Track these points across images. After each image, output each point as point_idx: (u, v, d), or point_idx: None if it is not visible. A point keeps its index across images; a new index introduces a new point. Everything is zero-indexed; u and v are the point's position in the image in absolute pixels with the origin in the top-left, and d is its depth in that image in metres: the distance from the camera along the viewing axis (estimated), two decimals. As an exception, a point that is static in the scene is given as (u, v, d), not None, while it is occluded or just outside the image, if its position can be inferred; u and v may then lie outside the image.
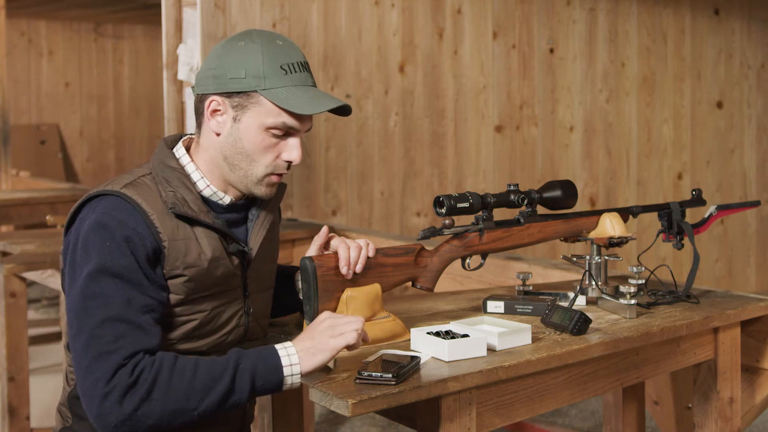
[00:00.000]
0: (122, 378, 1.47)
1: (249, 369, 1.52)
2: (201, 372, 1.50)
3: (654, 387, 2.58)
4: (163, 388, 1.48)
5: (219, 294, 1.66)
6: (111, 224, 1.55)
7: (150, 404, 1.47)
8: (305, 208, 4.19)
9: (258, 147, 1.63)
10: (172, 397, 1.48)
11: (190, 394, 1.49)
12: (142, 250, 1.55)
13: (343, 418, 3.78)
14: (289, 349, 1.55)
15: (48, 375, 4.52)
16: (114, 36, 9.24)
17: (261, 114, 1.62)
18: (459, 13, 4.64)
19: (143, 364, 1.48)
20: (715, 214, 2.23)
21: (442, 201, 1.85)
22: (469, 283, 2.95)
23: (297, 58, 1.65)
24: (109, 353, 1.48)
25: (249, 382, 1.51)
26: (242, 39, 1.64)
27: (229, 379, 1.50)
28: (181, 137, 1.74)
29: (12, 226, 5.60)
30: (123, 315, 1.51)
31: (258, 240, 1.71)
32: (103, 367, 1.47)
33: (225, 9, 3.89)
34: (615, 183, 5.27)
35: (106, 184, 1.63)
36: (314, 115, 1.64)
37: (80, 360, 1.50)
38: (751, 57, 5.84)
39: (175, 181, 1.65)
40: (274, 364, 1.53)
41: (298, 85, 1.63)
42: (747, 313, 2.05)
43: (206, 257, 1.61)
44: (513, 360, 1.61)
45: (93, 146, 9.12)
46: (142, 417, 1.47)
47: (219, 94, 1.63)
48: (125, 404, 1.46)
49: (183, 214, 1.61)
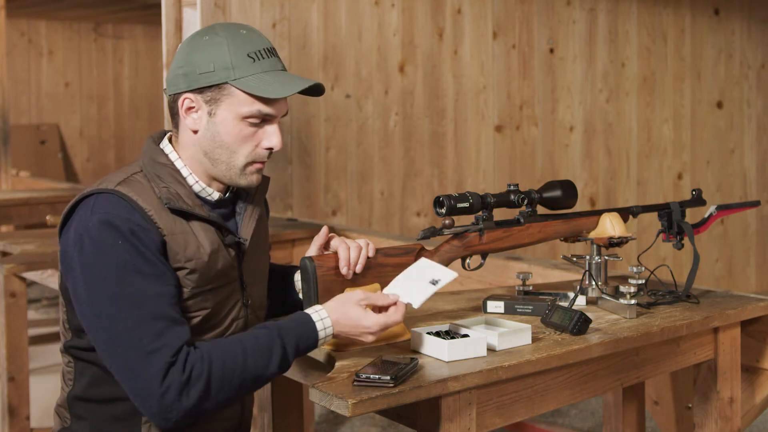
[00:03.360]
0: (175, 376, 1.49)
1: (293, 350, 1.58)
2: (250, 362, 1.55)
3: (654, 387, 2.58)
4: (217, 383, 1.52)
5: (220, 287, 1.66)
6: (116, 222, 1.55)
7: (208, 400, 1.51)
8: (305, 208, 4.19)
9: (237, 138, 1.64)
10: (226, 389, 1.53)
11: (243, 383, 1.55)
12: (151, 242, 1.56)
13: (343, 418, 3.78)
14: (325, 320, 1.62)
15: (48, 375, 4.52)
16: (114, 36, 9.24)
17: (235, 104, 1.62)
18: (459, 13, 4.64)
19: (192, 360, 1.51)
20: (715, 214, 2.23)
21: (442, 201, 1.85)
22: (469, 283, 2.95)
23: (263, 44, 1.65)
24: (155, 352, 1.50)
25: (293, 358, 1.60)
26: (206, 34, 1.65)
27: (276, 366, 1.57)
28: (165, 133, 1.75)
29: (12, 226, 5.60)
30: (157, 311, 1.52)
31: (249, 230, 1.73)
32: (153, 367, 1.49)
33: (225, 9, 3.89)
34: (615, 183, 5.27)
35: (99, 183, 1.63)
36: (290, 98, 1.66)
37: (123, 364, 1.51)
38: (751, 57, 5.84)
39: (168, 177, 1.65)
40: (313, 339, 1.60)
41: (268, 71, 1.63)
42: (747, 313, 2.05)
43: (205, 251, 1.62)
44: (513, 360, 1.61)
45: (93, 146, 9.11)
46: (201, 410, 1.52)
47: (191, 91, 1.63)
48: (183, 400, 1.49)
49: (179, 209, 1.61)
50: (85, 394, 1.66)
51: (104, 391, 1.64)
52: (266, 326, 1.60)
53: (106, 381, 1.63)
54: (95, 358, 1.63)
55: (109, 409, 1.64)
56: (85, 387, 1.66)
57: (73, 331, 1.66)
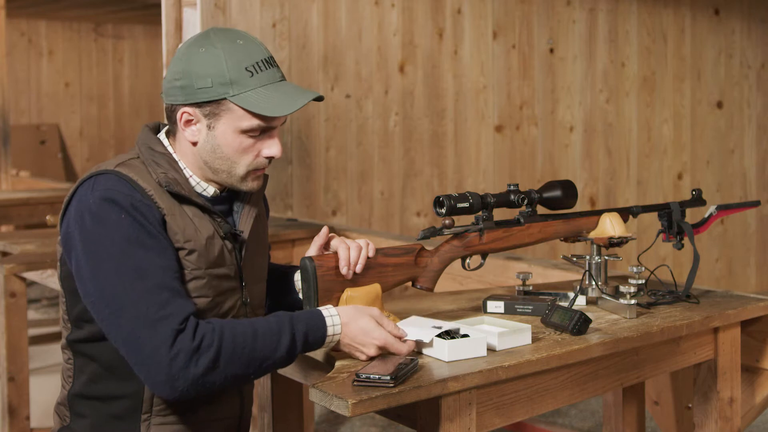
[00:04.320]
0: (185, 342, 1.49)
1: (301, 339, 1.58)
2: (259, 342, 1.54)
3: (654, 387, 2.58)
4: (227, 355, 1.51)
5: (219, 277, 1.66)
6: (118, 198, 1.55)
7: (215, 371, 1.50)
8: (305, 208, 4.19)
9: (237, 150, 1.64)
10: (235, 364, 1.52)
11: (251, 362, 1.54)
12: (153, 217, 1.57)
13: (343, 418, 3.78)
14: (335, 318, 1.62)
15: (48, 375, 4.52)
16: (114, 36, 9.24)
17: (234, 119, 1.62)
18: (459, 13, 4.64)
19: (203, 330, 1.51)
20: (715, 214, 2.23)
21: (442, 201, 1.85)
22: (469, 283, 2.95)
23: (260, 55, 1.64)
24: (162, 320, 1.49)
25: (301, 349, 1.59)
26: (202, 44, 1.63)
27: (284, 350, 1.56)
28: (161, 125, 1.75)
29: (12, 226, 5.60)
30: (162, 282, 1.52)
31: (248, 225, 1.73)
32: (161, 334, 1.48)
33: (225, 9, 3.89)
34: (615, 183, 5.27)
35: (98, 167, 1.64)
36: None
37: (129, 335, 1.50)
38: (751, 57, 5.84)
39: (165, 164, 1.66)
40: (321, 334, 1.60)
41: (267, 84, 1.63)
42: (747, 313, 2.05)
43: (202, 235, 1.63)
44: (513, 360, 1.61)
45: (93, 146, 9.11)
46: (208, 382, 1.50)
47: (189, 105, 1.63)
48: (192, 368, 1.49)
49: (177, 192, 1.62)
50: (85, 392, 1.66)
51: (104, 388, 1.64)
52: (277, 314, 1.61)
53: (106, 378, 1.63)
54: (95, 352, 1.63)
55: (108, 407, 1.64)
56: (85, 384, 1.66)
57: (73, 322, 1.66)
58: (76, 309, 1.64)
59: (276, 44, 4.08)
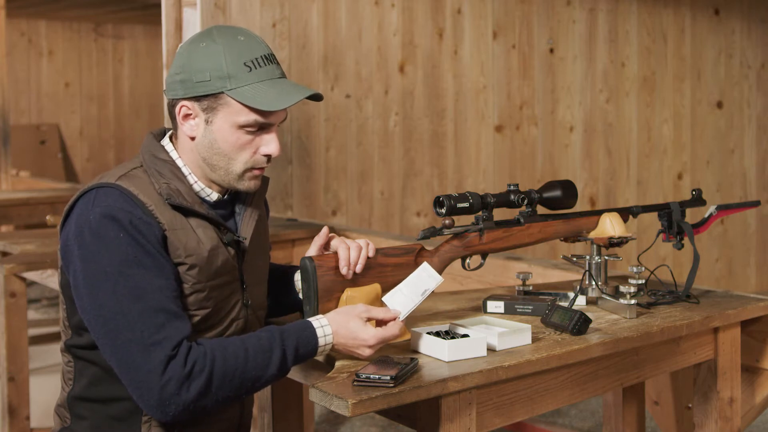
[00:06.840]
0: (176, 369, 1.49)
1: (292, 354, 1.58)
2: (251, 362, 1.55)
3: (654, 387, 2.58)
4: (219, 380, 1.52)
5: (221, 286, 1.66)
6: (118, 215, 1.55)
7: (207, 396, 1.51)
8: (305, 208, 4.19)
9: (234, 146, 1.64)
10: (227, 387, 1.53)
11: (243, 383, 1.55)
12: (152, 235, 1.56)
13: (343, 418, 3.78)
14: (326, 328, 1.62)
15: (48, 375, 4.52)
16: (114, 36, 9.24)
17: (231, 114, 1.62)
18: (459, 13, 4.64)
19: (194, 355, 1.51)
20: (715, 214, 2.23)
21: (442, 201, 1.85)
22: (469, 283, 2.95)
23: (260, 51, 1.64)
24: (155, 345, 1.49)
25: (292, 363, 1.60)
26: (204, 40, 1.64)
27: (276, 368, 1.57)
28: (166, 131, 1.75)
29: (12, 226, 5.60)
30: (158, 304, 1.52)
31: (249, 230, 1.73)
32: (153, 360, 1.49)
33: (225, 9, 3.89)
34: (615, 183, 5.27)
35: (99, 178, 1.63)
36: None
37: (123, 356, 1.51)
38: (751, 57, 5.84)
39: (168, 174, 1.65)
40: (313, 345, 1.60)
41: (265, 80, 1.63)
42: (747, 313, 2.05)
43: (205, 247, 1.62)
44: (513, 360, 1.61)
45: (93, 146, 9.11)
46: (200, 406, 1.51)
47: (188, 99, 1.63)
48: (183, 394, 1.49)
49: (178, 205, 1.61)
50: (85, 394, 1.66)
51: (104, 390, 1.64)
52: (268, 329, 1.60)
53: (106, 380, 1.63)
54: (95, 357, 1.63)
55: (109, 409, 1.64)
56: (85, 387, 1.66)
57: (72, 328, 1.66)
58: (75, 317, 1.64)
59: (276, 44, 4.08)
